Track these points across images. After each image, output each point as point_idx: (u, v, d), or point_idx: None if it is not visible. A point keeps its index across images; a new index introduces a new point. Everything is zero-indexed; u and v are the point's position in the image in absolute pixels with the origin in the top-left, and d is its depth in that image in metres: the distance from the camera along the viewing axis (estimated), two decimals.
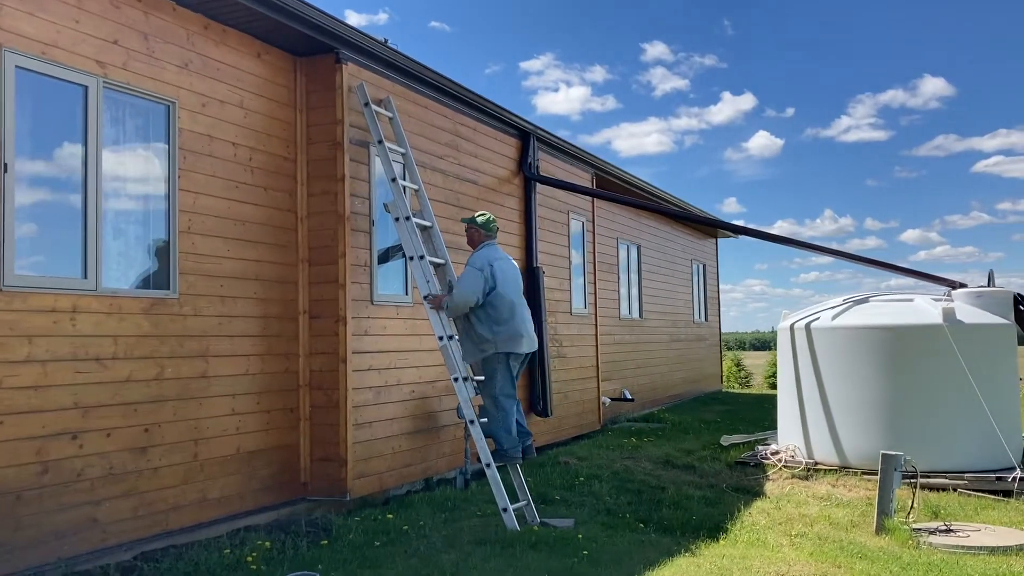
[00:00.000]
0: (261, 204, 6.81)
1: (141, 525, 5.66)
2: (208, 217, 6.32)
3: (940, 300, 9.37)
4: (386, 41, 7.61)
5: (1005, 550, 6.31)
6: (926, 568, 5.88)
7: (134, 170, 5.92)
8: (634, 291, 15.13)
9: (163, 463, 5.84)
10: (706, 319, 19.62)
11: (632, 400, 13.90)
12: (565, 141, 11.33)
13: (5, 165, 4.94)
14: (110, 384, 5.50)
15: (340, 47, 7.14)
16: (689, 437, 11.79)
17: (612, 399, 13.35)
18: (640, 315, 15.29)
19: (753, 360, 35.61)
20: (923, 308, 9.20)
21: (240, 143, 6.65)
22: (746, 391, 23.94)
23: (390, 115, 7.66)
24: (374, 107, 7.38)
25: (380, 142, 7.28)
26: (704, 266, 19.58)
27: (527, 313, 7.12)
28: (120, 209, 5.80)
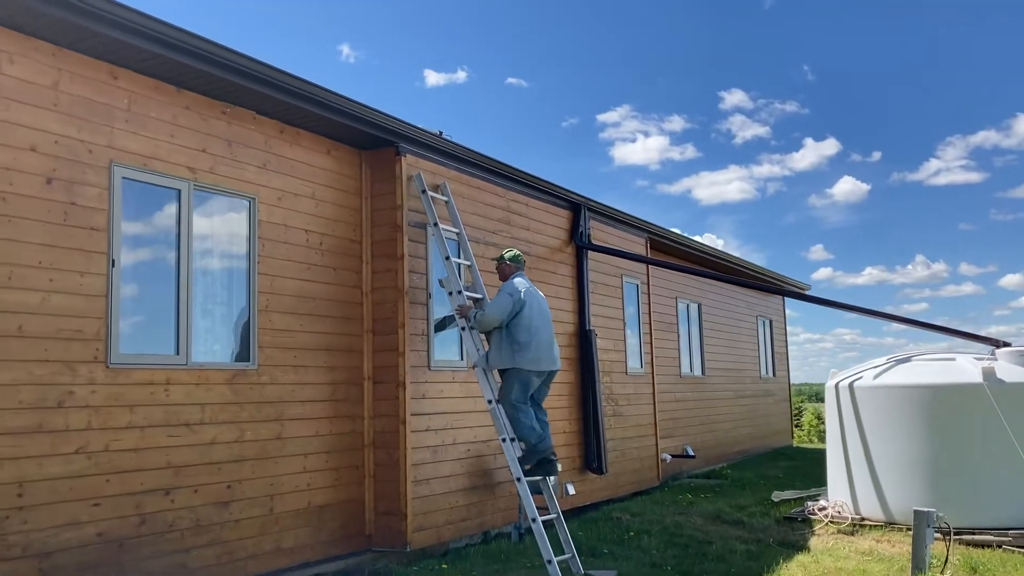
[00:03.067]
0: (330, 282, 7.66)
1: (224, 571, 6.43)
2: (284, 296, 7.19)
3: (983, 359, 9.61)
4: (440, 133, 8.47)
5: None
6: None
7: (219, 258, 6.83)
8: (695, 349, 15.56)
9: (243, 516, 6.63)
10: (774, 374, 19.80)
11: (694, 457, 14.25)
12: (616, 210, 11.98)
13: (113, 261, 5.88)
14: (198, 446, 6.34)
15: (399, 141, 8.02)
16: (746, 493, 12.10)
17: (673, 456, 13.74)
18: (702, 372, 15.68)
19: None
20: (964, 367, 9.46)
21: (312, 229, 7.53)
22: (822, 445, 23.77)
23: (445, 199, 8.48)
24: (430, 193, 8.20)
25: (435, 224, 8.09)
26: (770, 321, 19.82)
27: (550, 337, 7.87)
28: (207, 291, 6.70)
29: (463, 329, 8.01)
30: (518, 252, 8.26)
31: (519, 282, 7.89)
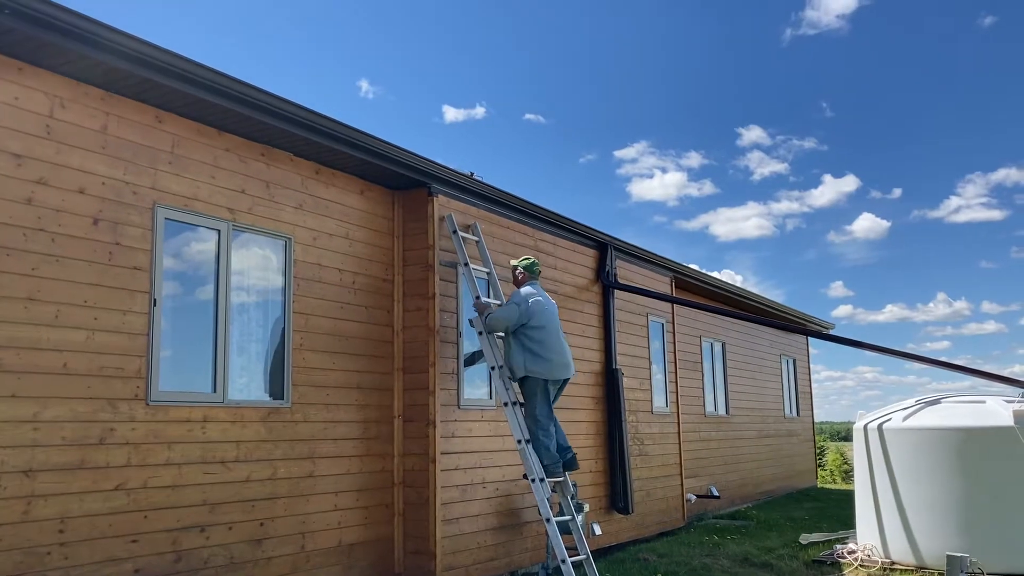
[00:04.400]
0: (362, 321, 7.75)
1: None
2: (317, 335, 7.28)
3: (1013, 402, 9.54)
4: (472, 174, 8.60)
5: None
6: None
7: (256, 296, 6.94)
8: (719, 387, 15.51)
9: (275, 553, 6.66)
10: (798, 414, 19.67)
11: (718, 497, 14.15)
12: (641, 249, 12.05)
13: (155, 300, 6.00)
14: (232, 483, 6.40)
15: (431, 182, 8.14)
16: (772, 535, 12.00)
17: (698, 496, 13.66)
18: (726, 411, 15.62)
19: None
20: (994, 410, 9.39)
21: (345, 269, 7.64)
22: (847, 486, 23.51)
23: (476, 239, 8.58)
24: (461, 233, 8.31)
25: (466, 264, 8.18)
26: (794, 360, 19.74)
27: (560, 344, 7.93)
28: (243, 330, 6.80)
29: (492, 369, 8.06)
30: (534, 260, 8.33)
31: (528, 291, 7.99)
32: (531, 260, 8.31)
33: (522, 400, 7.98)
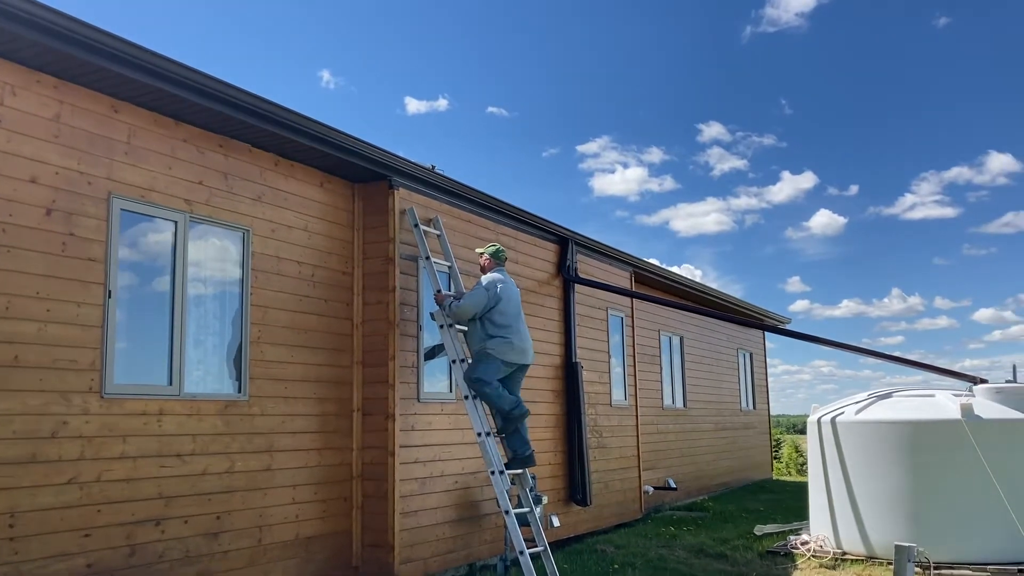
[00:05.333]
0: (322, 314, 7.72)
1: None
2: (275, 328, 7.23)
3: (961, 395, 9.78)
4: (433, 167, 8.58)
5: None
6: None
7: (213, 289, 6.88)
8: (677, 381, 15.68)
9: (232, 547, 6.62)
10: (754, 407, 19.95)
11: (676, 489, 14.32)
12: (602, 244, 12.13)
13: (110, 292, 5.92)
14: (189, 477, 6.34)
15: (392, 175, 8.12)
16: (728, 526, 12.18)
17: (655, 488, 13.81)
18: (684, 404, 15.79)
19: None
20: (943, 403, 9.62)
21: (304, 261, 7.60)
22: (802, 478, 23.90)
23: (438, 233, 8.58)
24: (423, 227, 8.30)
25: (427, 258, 8.18)
26: (751, 354, 20.01)
27: (522, 330, 8.04)
28: (200, 322, 6.74)
29: (453, 362, 8.08)
30: (499, 247, 8.42)
31: (496, 277, 8.07)
32: (497, 247, 8.40)
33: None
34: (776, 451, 27.45)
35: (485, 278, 8.09)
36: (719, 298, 17.46)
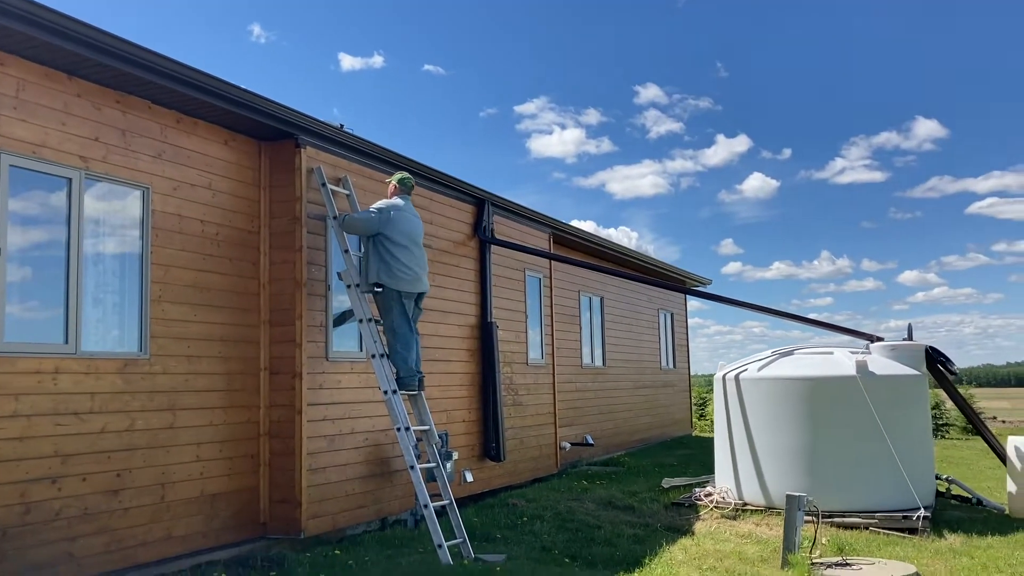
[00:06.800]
0: (227, 273, 7.70)
1: (112, 559, 6.45)
2: (177, 286, 7.20)
3: (857, 353, 10.21)
4: (342, 126, 8.57)
5: None
6: None
7: (112, 247, 6.81)
8: (597, 341, 15.99)
9: (133, 504, 6.65)
10: (674, 366, 20.44)
11: (593, 445, 14.67)
12: (519, 205, 12.25)
13: (0, 249, 5.84)
14: (87, 435, 6.33)
15: (299, 133, 8.09)
16: (639, 480, 12.56)
17: (573, 444, 14.14)
18: (603, 363, 16.12)
19: None
20: (840, 360, 10.04)
21: (208, 220, 7.56)
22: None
23: (347, 192, 8.59)
24: (331, 186, 8.30)
25: (335, 218, 8.20)
26: (672, 315, 20.44)
27: (416, 259, 8.24)
28: (99, 281, 6.68)
29: (360, 322, 8.15)
30: (407, 175, 8.59)
31: (394, 202, 8.24)
32: (404, 175, 8.57)
33: (387, 351, 8.12)
34: (702, 409, 28.19)
35: (381, 202, 8.26)
36: (640, 260, 17.77)
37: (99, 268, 6.69)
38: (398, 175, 8.55)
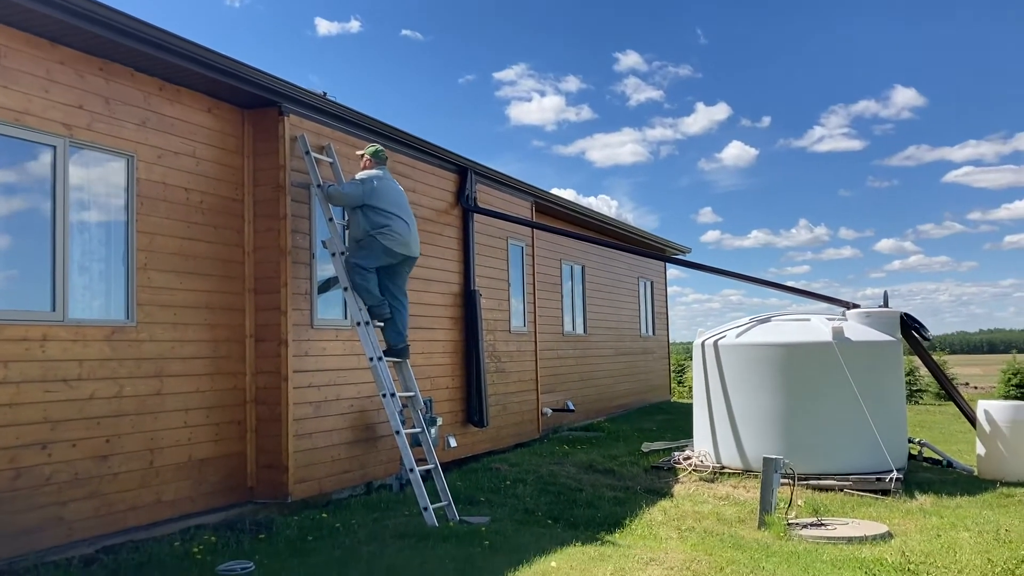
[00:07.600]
0: (211, 241, 7.73)
1: (102, 523, 6.55)
2: (163, 254, 7.24)
3: (834, 319, 10.41)
4: (325, 94, 8.58)
5: (861, 540, 7.28)
6: (787, 555, 6.84)
7: (97, 215, 6.83)
8: (578, 308, 16.14)
9: (122, 469, 6.73)
10: (653, 333, 20.66)
11: (574, 411, 14.87)
12: (502, 174, 12.30)
13: None
14: (76, 401, 6.40)
15: (283, 101, 8.09)
16: (620, 445, 12.77)
17: (554, 410, 14.32)
18: (584, 331, 16.29)
19: None
20: (817, 327, 10.24)
21: (192, 188, 7.57)
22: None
23: (330, 160, 8.61)
24: (315, 154, 8.33)
25: (319, 186, 8.23)
26: (652, 283, 20.62)
27: (410, 221, 8.37)
28: (85, 249, 6.70)
29: (344, 289, 8.22)
30: (379, 148, 8.63)
31: (374, 173, 8.31)
32: (376, 147, 8.60)
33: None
34: (680, 376, 28.53)
35: (361, 173, 8.31)
36: (620, 228, 17.89)
37: (85, 236, 6.71)
38: (370, 147, 8.59)
